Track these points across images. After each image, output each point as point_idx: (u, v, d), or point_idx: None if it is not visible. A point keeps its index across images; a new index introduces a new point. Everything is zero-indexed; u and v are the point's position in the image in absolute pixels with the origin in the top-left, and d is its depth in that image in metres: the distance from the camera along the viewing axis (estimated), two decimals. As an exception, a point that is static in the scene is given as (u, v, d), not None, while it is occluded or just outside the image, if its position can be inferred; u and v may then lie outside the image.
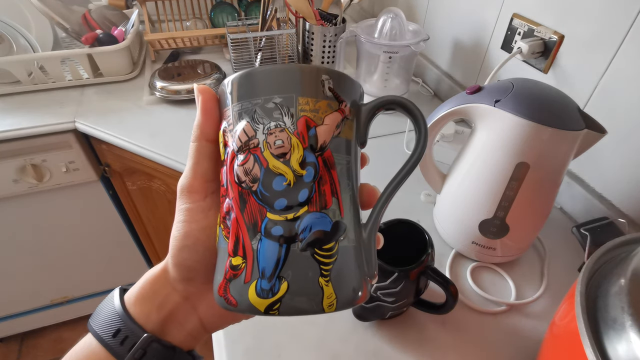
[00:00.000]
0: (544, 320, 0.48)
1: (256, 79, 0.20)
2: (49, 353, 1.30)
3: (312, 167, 0.20)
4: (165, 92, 0.85)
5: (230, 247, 0.20)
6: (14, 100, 0.86)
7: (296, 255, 0.19)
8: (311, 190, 0.20)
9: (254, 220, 0.19)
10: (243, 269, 0.19)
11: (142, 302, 0.23)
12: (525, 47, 0.61)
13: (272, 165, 0.19)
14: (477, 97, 0.46)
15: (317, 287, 0.19)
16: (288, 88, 0.20)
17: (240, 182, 0.20)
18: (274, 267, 0.19)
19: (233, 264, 0.20)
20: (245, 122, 0.20)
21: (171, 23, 1.05)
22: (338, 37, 0.89)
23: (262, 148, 0.20)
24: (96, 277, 1.21)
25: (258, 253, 0.19)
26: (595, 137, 0.43)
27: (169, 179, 0.81)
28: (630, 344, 0.25)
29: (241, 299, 0.19)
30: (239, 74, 0.21)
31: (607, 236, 0.47)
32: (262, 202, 0.19)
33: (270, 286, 0.19)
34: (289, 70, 0.20)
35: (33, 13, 0.94)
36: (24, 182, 0.87)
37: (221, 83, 0.22)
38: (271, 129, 0.20)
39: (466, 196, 0.50)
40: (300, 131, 0.20)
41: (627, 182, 0.54)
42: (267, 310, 0.19)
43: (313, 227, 0.19)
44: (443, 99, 0.91)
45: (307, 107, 0.20)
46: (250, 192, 0.20)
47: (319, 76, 0.20)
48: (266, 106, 0.20)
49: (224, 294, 0.20)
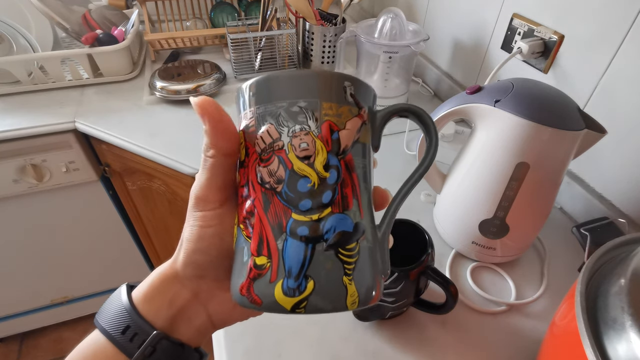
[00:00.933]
0: (544, 320, 0.48)
1: (280, 83, 0.21)
2: (49, 353, 1.30)
3: (335, 170, 0.20)
4: (165, 92, 0.85)
5: (253, 247, 0.20)
6: (14, 100, 0.86)
7: (321, 255, 0.20)
8: (334, 192, 0.20)
9: (278, 221, 0.20)
10: (268, 269, 0.20)
11: (152, 299, 0.23)
12: (525, 47, 0.61)
13: (297, 167, 0.20)
14: (477, 97, 0.46)
15: (342, 286, 0.20)
16: (312, 93, 0.20)
17: (264, 183, 0.20)
18: (300, 266, 0.19)
19: (257, 263, 0.20)
20: (269, 124, 0.20)
21: (171, 23, 1.05)
22: (338, 37, 0.89)
23: (287, 150, 0.20)
24: (96, 277, 1.21)
25: (284, 252, 0.20)
26: (595, 137, 0.43)
27: (169, 179, 0.81)
28: (630, 344, 0.25)
29: (267, 298, 0.19)
30: (263, 77, 0.21)
31: (607, 236, 0.47)
32: (287, 202, 0.20)
33: (297, 285, 0.19)
34: (313, 76, 0.21)
35: (33, 13, 0.94)
36: (24, 182, 0.87)
37: (241, 85, 0.22)
38: (296, 132, 0.20)
39: (466, 196, 0.50)
40: (324, 135, 0.20)
41: (627, 182, 0.54)
42: (294, 309, 0.19)
43: (337, 227, 0.20)
44: (443, 99, 0.91)
45: (331, 111, 0.21)
46: (274, 192, 0.20)
47: (341, 82, 0.21)
48: (291, 110, 0.20)
49: (247, 294, 0.20)
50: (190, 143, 0.76)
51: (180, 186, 0.79)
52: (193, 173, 0.71)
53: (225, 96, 0.90)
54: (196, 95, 0.92)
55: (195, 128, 0.80)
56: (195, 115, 0.88)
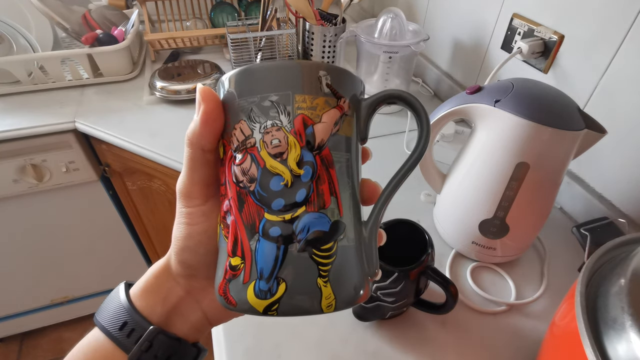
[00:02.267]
0: (544, 320, 0.48)
1: (252, 76, 0.20)
2: (49, 353, 1.30)
3: (309, 167, 0.19)
4: (165, 92, 0.85)
5: (229, 247, 0.20)
6: (14, 100, 0.86)
7: (294, 256, 0.19)
8: (309, 190, 0.19)
9: (252, 221, 0.19)
10: (242, 270, 0.19)
11: (147, 295, 0.23)
12: (525, 47, 0.61)
13: (270, 165, 0.19)
14: (477, 97, 0.46)
15: (316, 288, 0.19)
16: (285, 85, 0.19)
17: (238, 182, 0.20)
18: (272, 268, 0.19)
19: (232, 264, 0.20)
20: (242, 120, 0.20)
21: (171, 23, 1.05)
22: (338, 37, 0.89)
23: (259, 147, 0.19)
24: (96, 277, 1.20)
25: (256, 254, 0.19)
26: (595, 137, 0.43)
27: (169, 179, 0.81)
28: (630, 344, 0.25)
29: (240, 299, 0.19)
30: (236, 71, 0.20)
31: (607, 236, 0.47)
32: (260, 202, 0.19)
33: (269, 287, 0.19)
34: (285, 67, 0.20)
35: (33, 13, 0.94)
36: (24, 182, 0.87)
37: (219, 80, 0.21)
38: (267, 128, 0.19)
39: (466, 196, 0.50)
40: (297, 130, 0.19)
41: (627, 182, 0.54)
42: (266, 311, 0.19)
43: (311, 227, 0.19)
44: (443, 99, 0.91)
45: (304, 104, 0.20)
46: (248, 192, 0.19)
47: (316, 72, 0.20)
48: (262, 104, 0.19)
49: (223, 294, 0.20)
50: (190, 143, 0.76)
51: (180, 186, 0.79)
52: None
53: (225, 96, 0.90)
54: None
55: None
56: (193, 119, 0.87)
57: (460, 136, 0.74)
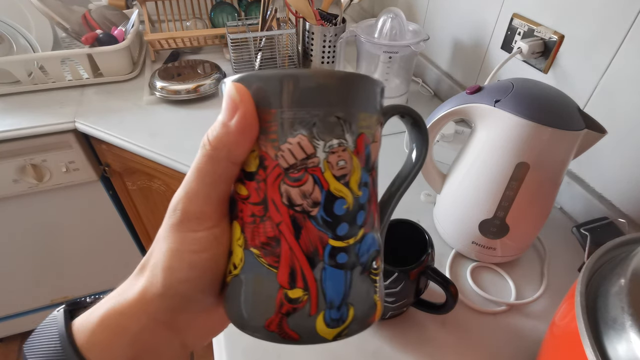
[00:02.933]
0: (544, 320, 0.48)
1: (314, 85, 0.17)
2: (49, 353, 1.30)
3: (366, 188, 0.19)
4: (165, 92, 0.85)
5: (283, 279, 0.18)
6: (14, 100, 0.86)
7: (359, 279, 0.18)
8: (367, 212, 0.19)
9: (313, 248, 0.18)
10: (306, 302, 0.18)
11: (107, 344, 0.18)
12: (525, 47, 0.61)
13: (334, 188, 0.17)
14: (477, 97, 0.46)
15: (374, 304, 0.19)
16: (351, 101, 0.18)
17: (292, 205, 0.17)
18: (342, 295, 0.18)
19: (290, 296, 0.18)
20: (302, 135, 0.17)
21: (171, 23, 1.05)
22: (338, 37, 0.89)
23: (322, 168, 0.17)
24: (96, 277, 1.20)
25: (324, 283, 0.18)
26: (595, 137, 0.43)
27: (169, 179, 0.81)
28: (630, 344, 0.25)
29: (306, 332, 0.18)
30: (294, 73, 0.17)
31: (607, 236, 0.47)
32: (324, 228, 0.18)
33: (340, 315, 0.18)
34: (350, 81, 0.18)
35: (33, 13, 0.93)
36: (24, 182, 0.87)
37: (259, 76, 0.17)
38: (334, 148, 0.17)
39: (466, 196, 0.50)
40: (359, 150, 0.18)
41: (627, 182, 0.54)
42: (335, 338, 0.18)
43: (370, 248, 0.19)
44: (443, 99, 0.91)
45: (364, 123, 0.18)
46: (307, 217, 0.17)
47: (376, 88, 0.19)
48: (328, 120, 0.17)
49: (278, 329, 0.18)
50: (191, 143, 0.76)
51: (180, 186, 0.79)
52: (193, 173, 0.71)
53: (225, 96, 0.90)
54: (197, 95, 0.91)
55: (195, 128, 0.80)
56: (195, 115, 0.87)
57: (460, 136, 0.74)
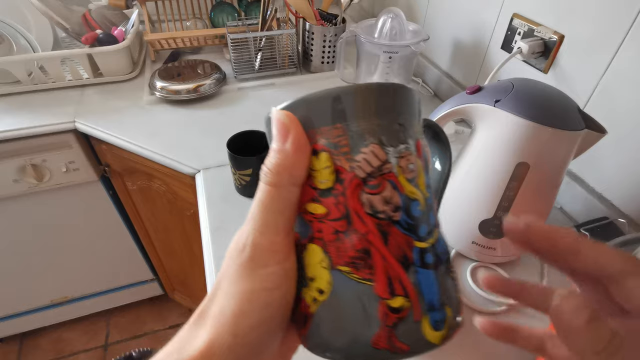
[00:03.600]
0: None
1: (376, 97, 0.18)
2: (49, 353, 1.30)
3: (430, 189, 0.20)
4: (165, 92, 0.85)
5: (382, 289, 0.17)
6: (14, 100, 0.86)
7: (445, 278, 0.19)
8: (435, 212, 0.20)
9: (403, 253, 0.18)
10: (409, 309, 0.17)
11: None
12: (525, 47, 0.61)
13: (409, 191, 0.18)
14: (477, 97, 0.46)
15: (460, 301, 0.20)
16: (406, 109, 0.19)
17: (376, 213, 0.17)
18: (438, 295, 0.18)
19: (393, 306, 0.17)
20: (373, 144, 0.18)
21: (171, 23, 1.05)
22: (338, 37, 0.89)
23: (396, 173, 0.18)
24: (96, 277, 1.21)
25: (421, 286, 0.18)
26: (595, 137, 0.43)
27: (169, 179, 0.81)
28: (630, 344, 0.25)
29: (415, 340, 0.17)
30: (353, 88, 0.18)
31: (607, 236, 0.47)
32: (409, 231, 0.18)
33: (442, 316, 0.18)
34: (404, 91, 0.19)
35: (33, 13, 0.93)
36: (24, 182, 0.87)
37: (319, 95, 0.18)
38: (402, 152, 0.18)
39: (466, 196, 0.50)
40: (419, 153, 0.19)
41: (627, 182, 0.54)
42: (442, 341, 0.18)
43: (445, 247, 0.20)
44: (443, 99, 0.91)
45: (417, 129, 0.20)
46: (391, 222, 0.18)
47: (417, 96, 0.21)
48: (392, 127, 0.18)
49: (388, 344, 0.17)
50: (190, 143, 0.76)
51: (180, 186, 0.79)
52: (193, 173, 0.71)
53: (225, 96, 0.90)
54: (197, 95, 0.91)
55: (195, 128, 0.80)
56: (195, 115, 0.87)
57: (460, 136, 0.74)
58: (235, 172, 0.62)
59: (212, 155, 0.72)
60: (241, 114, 0.85)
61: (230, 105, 0.87)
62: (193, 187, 0.71)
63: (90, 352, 1.30)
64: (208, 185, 0.67)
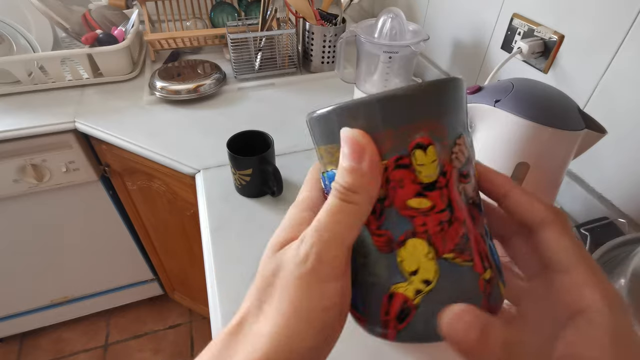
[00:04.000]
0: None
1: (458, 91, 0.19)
2: (49, 353, 1.30)
3: None
4: (165, 92, 0.85)
5: (479, 267, 0.19)
6: (14, 100, 0.86)
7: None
8: None
9: (483, 231, 0.20)
10: (495, 277, 0.20)
11: None
12: (525, 47, 0.61)
13: (478, 177, 0.21)
14: (477, 97, 0.46)
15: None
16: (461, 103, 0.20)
17: (468, 200, 0.19)
18: (499, 260, 0.21)
19: (487, 278, 0.19)
20: (463, 136, 0.19)
21: (171, 23, 1.05)
22: (338, 37, 0.89)
23: (473, 161, 0.20)
24: (96, 277, 1.21)
25: (494, 256, 0.20)
26: (595, 137, 0.43)
27: (169, 179, 0.81)
28: (630, 344, 0.25)
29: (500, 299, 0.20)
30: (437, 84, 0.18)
31: (607, 236, 0.47)
32: (481, 211, 0.20)
33: (503, 274, 0.21)
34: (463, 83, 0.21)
35: (33, 13, 0.94)
36: (24, 182, 0.87)
37: (415, 88, 0.18)
38: (471, 142, 0.20)
39: (466, 196, 0.50)
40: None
41: (627, 182, 0.54)
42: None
43: None
44: (443, 99, 0.91)
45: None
46: (474, 206, 0.20)
47: None
48: (462, 119, 0.20)
49: (487, 310, 0.19)
50: (190, 143, 0.76)
51: (180, 186, 0.79)
52: (193, 173, 0.71)
53: (225, 96, 0.90)
54: (197, 95, 0.91)
55: (195, 128, 0.80)
56: (195, 115, 0.87)
57: (460, 136, 0.74)
58: (235, 172, 0.62)
59: (212, 155, 0.72)
60: (241, 114, 0.85)
61: (230, 105, 0.87)
62: (193, 187, 0.71)
63: (90, 352, 1.30)
64: (208, 185, 0.67)
